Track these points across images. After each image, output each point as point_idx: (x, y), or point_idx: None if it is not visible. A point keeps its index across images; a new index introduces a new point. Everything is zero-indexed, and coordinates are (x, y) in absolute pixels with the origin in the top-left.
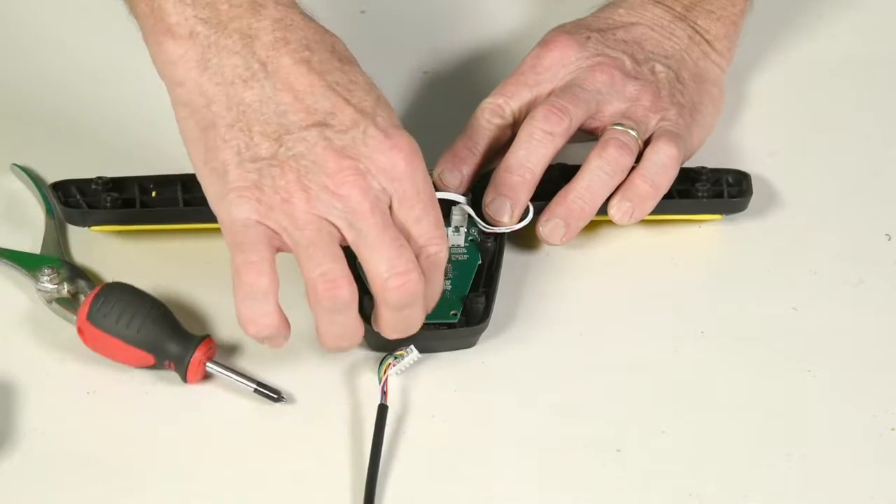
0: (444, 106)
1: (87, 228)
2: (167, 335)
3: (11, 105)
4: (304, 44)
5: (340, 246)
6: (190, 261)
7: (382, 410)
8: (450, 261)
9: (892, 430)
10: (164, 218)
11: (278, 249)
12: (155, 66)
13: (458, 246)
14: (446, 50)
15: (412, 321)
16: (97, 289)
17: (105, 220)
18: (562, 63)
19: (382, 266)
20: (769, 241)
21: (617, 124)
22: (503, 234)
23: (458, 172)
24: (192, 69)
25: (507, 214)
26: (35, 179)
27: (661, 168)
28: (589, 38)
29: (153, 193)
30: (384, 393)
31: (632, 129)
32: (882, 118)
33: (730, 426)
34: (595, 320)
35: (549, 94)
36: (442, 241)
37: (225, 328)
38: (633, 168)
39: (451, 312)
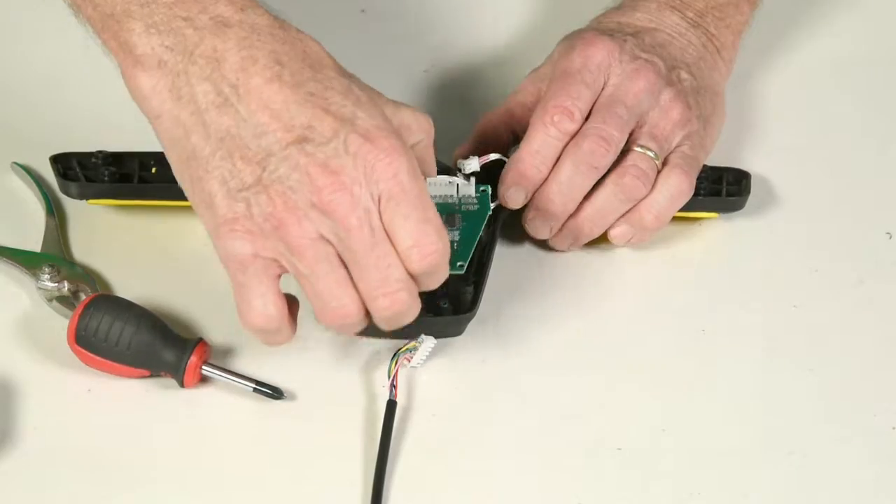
0: (444, 104)
1: (85, 221)
2: (159, 345)
3: (11, 103)
4: (274, 58)
5: None
6: (189, 256)
7: (391, 406)
8: (459, 210)
9: (894, 428)
10: (161, 194)
11: (280, 273)
12: (134, 102)
13: (469, 196)
14: (446, 48)
15: (404, 322)
16: (81, 306)
17: (101, 193)
18: (609, 62)
19: (371, 283)
20: (770, 239)
21: (640, 146)
22: (497, 225)
23: (524, 191)
24: (166, 100)
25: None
26: (35, 178)
27: (670, 201)
28: (626, 40)
29: (153, 170)
30: (394, 387)
31: (653, 152)
32: (882, 117)
33: (730, 425)
34: (595, 318)
35: (596, 106)
36: (433, 240)
37: (222, 326)
38: None
39: (458, 264)
